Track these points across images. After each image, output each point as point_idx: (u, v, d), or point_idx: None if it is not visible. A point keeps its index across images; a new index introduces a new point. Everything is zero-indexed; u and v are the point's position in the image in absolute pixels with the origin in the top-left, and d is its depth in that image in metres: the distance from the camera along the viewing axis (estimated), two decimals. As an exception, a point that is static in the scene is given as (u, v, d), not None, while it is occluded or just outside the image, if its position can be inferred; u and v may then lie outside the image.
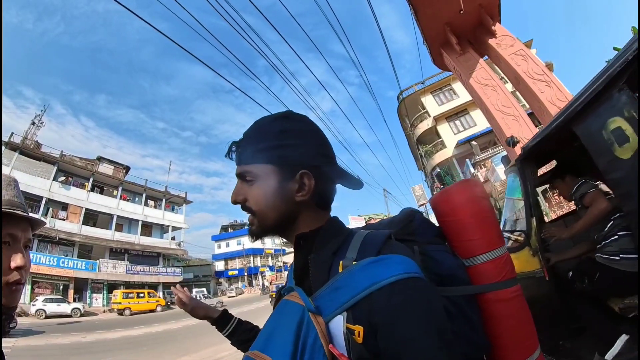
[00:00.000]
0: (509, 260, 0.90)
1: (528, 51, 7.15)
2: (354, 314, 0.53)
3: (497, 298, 0.83)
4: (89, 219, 25.29)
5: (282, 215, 0.68)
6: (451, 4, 6.82)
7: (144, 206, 30.09)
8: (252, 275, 44.56)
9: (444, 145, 23.94)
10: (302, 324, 0.53)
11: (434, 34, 7.99)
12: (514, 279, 0.88)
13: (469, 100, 21.09)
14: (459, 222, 0.90)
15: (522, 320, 0.86)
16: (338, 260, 0.61)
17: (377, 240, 0.63)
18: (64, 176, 24.55)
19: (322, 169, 0.69)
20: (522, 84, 7.01)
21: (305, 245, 0.69)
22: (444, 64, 9.24)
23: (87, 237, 23.87)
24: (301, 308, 0.56)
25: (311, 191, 0.67)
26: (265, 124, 0.72)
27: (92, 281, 23.55)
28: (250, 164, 0.69)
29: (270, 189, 0.67)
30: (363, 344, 0.51)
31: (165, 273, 29.20)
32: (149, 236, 30.18)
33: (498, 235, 0.91)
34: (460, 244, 0.89)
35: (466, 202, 0.90)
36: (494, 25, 7.42)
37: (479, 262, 0.86)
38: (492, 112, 7.44)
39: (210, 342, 9.22)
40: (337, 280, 0.57)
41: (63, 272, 21.35)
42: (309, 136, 0.72)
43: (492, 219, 0.92)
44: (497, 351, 0.83)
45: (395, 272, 0.53)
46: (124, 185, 28.94)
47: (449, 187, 0.98)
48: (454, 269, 0.80)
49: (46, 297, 18.20)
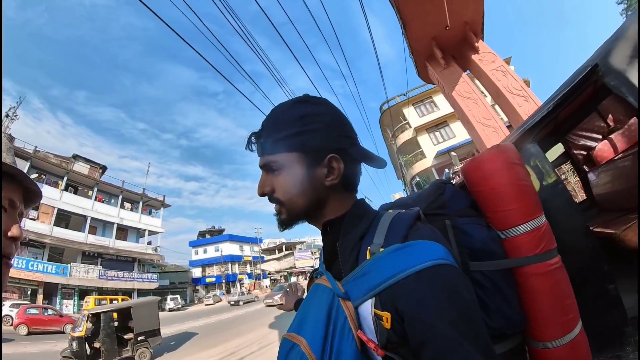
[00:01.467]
0: (548, 230, 0.84)
1: (508, 67, 7.55)
2: (382, 300, 0.53)
3: (535, 271, 0.79)
4: (61, 219, 24.22)
5: (312, 201, 0.67)
6: (438, 20, 7.13)
7: (120, 208, 29.13)
8: (230, 283, 43.69)
9: (423, 155, 24.54)
10: (332, 308, 0.56)
11: (421, 47, 8.31)
12: (554, 250, 0.83)
13: (449, 113, 21.81)
14: (493, 191, 0.84)
15: (562, 294, 0.81)
16: (366, 245, 0.61)
17: (403, 224, 0.61)
18: (37, 173, 23.42)
19: (347, 150, 0.68)
20: (502, 98, 7.39)
21: (332, 232, 0.68)
22: (428, 77, 9.58)
23: (59, 239, 22.79)
24: (331, 292, 0.58)
25: (340, 175, 0.66)
26: (284, 110, 0.70)
27: (63, 286, 22.41)
28: (275, 154, 0.67)
29: (299, 177, 0.65)
30: (391, 329, 0.51)
31: (140, 279, 28.25)
32: (124, 240, 29.16)
33: (536, 204, 0.85)
34: (495, 215, 0.84)
35: (500, 169, 0.84)
36: (477, 42, 7.80)
37: (516, 234, 0.81)
38: (473, 123, 7.77)
39: (190, 352, 9.04)
40: (365, 266, 0.58)
41: (32, 276, 20.22)
42: (331, 119, 0.69)
43: (529, 186, 0.86)
44: (534, 326, 0.80)
45: (422, 259, 0.52)
46: (100, 185, 27.92)
47: (481, 154, 0.92)
48: (488, 242, 0.79)
49: (13, 303, 16.96)
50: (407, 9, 7.13)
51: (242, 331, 11.67)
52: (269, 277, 50.63)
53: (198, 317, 20.15)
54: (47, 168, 24.48)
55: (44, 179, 23.82)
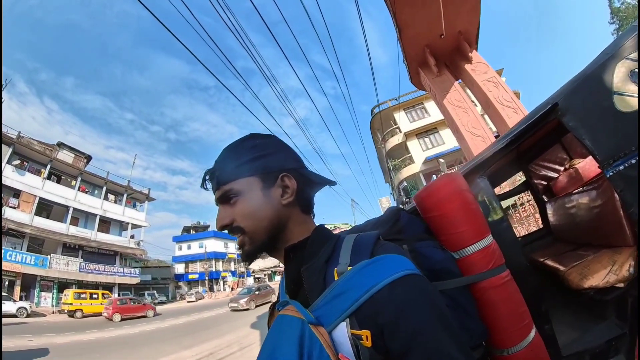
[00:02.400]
0: (497, 248, 0.94)
1: (499, 79, 7.66)
2: (358, 318, 0.52)
3: (490, 285, 0.87)
4: (42, 209, 23.53)
5: (272, 223, 0.67)
6: (433, 28, 7.20)
7: (104, 200, 28.49)
8: (214, 280, 43.28)
9: (412, 160, 24.78)
10: (304, 337, 0.52)
11: (414, 53, 8.38)
12: (503, 265, 0.92)
13: (439, 120, 22.09)
14: (444, 216, 0.92)
15: (515, 303, 0.90)
16: (332, 267, 0.61)
17: (368, 242, 0.64)
18: (19, 160, 22.67)
19: (298, 170, 0.72)
20: (492, 108, 7.49)
21: (296, 257, 0.68)
22: (420, 83, 9.67)
23: (39, 230, 22.14)
24: (299, 321, 0.54)
25: (294, 192, 0.69)
26: (234, 146, 0.73)
27: (42, 278, 21.78)
28: (230, 182, 0.69)
29: (256, 200, 0.67)
30: (373, 347, 0.51)
31: (122, 273, 27.64)
32: (107, 233, 28.52)
33: (484, 225, 0.94)
34: (448, 238, 0.92)
35: (450, 195, 0.93)
36: (470, 51, 7.91)
37: (468, 253, 0.89)
38: (462, 132, 7.87)
39: (169, 350, 8.86)
40: (335, 287, 0.57)
41: (10, 267, 19.56)
42: (279, 145, 0.75)
43: (477, 210, 0.95)
44: (495, 336, 0.87)
45: (393, 271, 0.54)
46: (84, 175, 27.26)
47: (432, 182, 1.00)
48: (444, 262, 0.84)
49: None
50: (403, 15, 7.17)
51: (221, 331, 11.54)
52: (253, 275, 50.34)
53: (190, 312, 19.88)
54: (30, 155, 23.77)
55: (27, 166, 23.14)
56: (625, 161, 1.43)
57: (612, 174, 1.46)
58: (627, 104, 1.45)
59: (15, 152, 22.41)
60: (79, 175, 26.86)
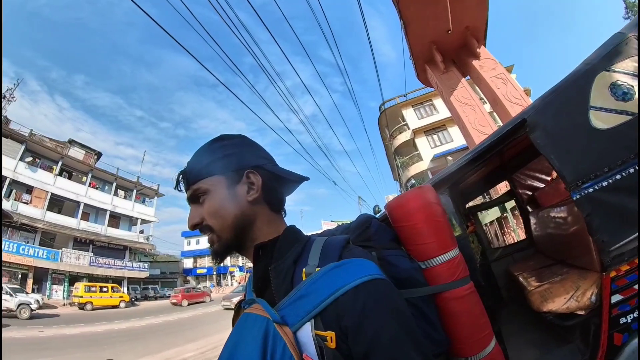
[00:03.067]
0: (462, 261, 0.97)
1: (508, 75, 7.52)
2: (323, 320, 0.53)
3: (453, 296, 0.90)
4: (54, 205, 23.97)
5: (238, 221, 0.68)
6: (440, 24, 7.09)
7: (114, 196, 28.89)
8: (221, 275, 43.67)
9: (420, 157, 24.51)
10: (268, 336, 0.52)
11: (421, 50, 8.27)
12: (467, 278, 0.95)
13: (448, 117, 21.76)
14: (413, 227, 0.95)
15: (477, 314, 0.93)
16: (300, 268, 0.61)
17: (337, 246, 0.65)
18: (32, 157, 23.05)
19: (265, 167, 0.72)
20: (500, 106, 7.35)
21: (265, 256, 0.68)
22: (427, 80, 9.55)
23: (51, 225, 22.60)
24: (264, 320, 0.55)
25: (260, 189, 0.70)
26: (204, 147, 0.75)
27: (53, 272, 22.23)
28: (198, 182, 0.70)
29: (222, 197, 0.68)
30: (336, 348, 0.51)
31: (131, 267, 28.07)
32: (116, 228, 28.92)
33: (451, 238, 0.97)
34: (415, 248, 0.95)
35: (420, 208, 0.96)
36: (478, 47, 7.76)
37: (434, 264, 0.92)
38: (469, 130, 7.75)
39: (174, 343, 9.01)
40: (302, 288, 0.57)
41: (22, 260, 20.04)
42: (247, 144, 0.76)
43: (445, 223, 0.98)
44: (455, 345, 0.89)
45: (359, 275, 0.54)
46: (94, 172, 27.66)
47: (403, 193, 1.04)
48: (411, 271, 0.85)
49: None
50: (409, 11, 7.08)
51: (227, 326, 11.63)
52: (251, 271, 50.59)
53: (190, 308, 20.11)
54: (42, 152, 24.22)
55: (39, 163, 23.60)
56: (596, 183, 1.37)
57: (579, 197, 1.40)
58: (604, 120, 1.38)
59: (27, 149, 22.82)
60: (90, 172, 27.26)
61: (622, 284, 1.35)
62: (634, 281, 1.33)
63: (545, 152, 1.46)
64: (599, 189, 1.36)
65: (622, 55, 1.39)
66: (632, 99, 1.35)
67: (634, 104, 1.34)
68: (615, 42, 1.42)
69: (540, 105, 1.50)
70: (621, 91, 1.38)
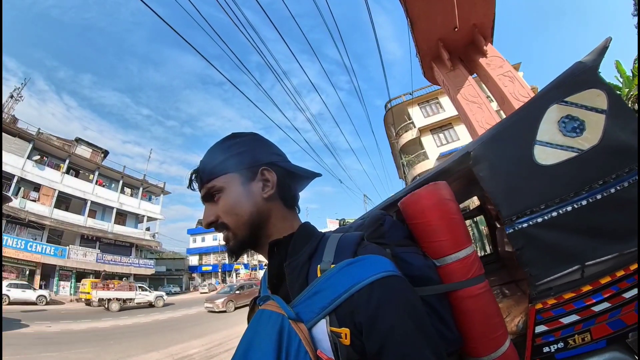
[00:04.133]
0: (477, 259, 0.95)
1: (516, 73, 7.43)
2: (338, 316, 0.53)
3: (467, 294, 0.88)
4: (61, 202, 24.28)
5: (253, 217, 0.67)
6: (447, 21, 7.02)
7: (120, 193, 29.18)
8: (226, 272, 43.93)
9: (426, 156, 24.37)
10: (283, 332, 0.52)
11: (427, 47, 8.19)
12: (482, 276, 0.93)
13: (454, 115, 21.62)
14: (427, 225, 0.94)
15: (491, 313, 0.91)
16: (315, 264, 0.62)
17: (352, 242, 0.65)
18: (39, 155, 23.40)
19: (278, 164, 0.72)
20: (507, 104, 7.27)
21: (279, 252, 0.68)
22: (433, 78, 9.47)
23: (58, 222, 22.89)
24: (280, 316, 0.55)
25: (275, 185, 0.69)
26: (216, 145, 0.74)
27: (60, 268, 22.61)
28: (212, 180, 0.69)
29: (237, 194, 0.68)
30: (351, 345, 0.51)
31: (137, 264, 28.38)
32: (123, 225, 29.26)
33: (465, 236, 0.95)
34: (429, 245, 0.93)
35: (434, 205, 0.95)
36: (485, 45, 7.68)
37: (448, 262, 0.91)
38: (476, 128, 7.67)
39: (180, 339, 9.07)
40: (316, 284, 0.58)
41: (30, 257, 20.36)
42: (258, 140, 0.76)
43: (459, 220, 0.97)
44: (468, 344, 0.88)
45: (373, 271, 0.54)
46: (101, 170, 27.96)
47: (417, 190, 1.01)
48: (425, 269, 0.84)
49: (11, 282, 17.16)
50: (415, 8, 7.01)
51: (230, 323, 11.68)
52: (266, 268, 50.82)
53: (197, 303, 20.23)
54: (49, 150, 24.54)
55: (46, 161, 23.90)
56: (530, 219, 1.36)
57: (512, 231, 1.39)
58: (548, 155, 1.35)
59: (35, 147, 23.13)
60: (97, 170, 27.55)
61: (547, 316, 1.37)
62: (560, 315, 1.35)
63: (485, 186, 1.45)
64: (533, 225, 1.36)
65: (579, 87, 1.34)
66: (581, 135, 1.32)
67: (582, 140, 1.32)
68: (573, 73, 1.36)
69: (487, 138, 1.49)
70: (571, 126, 1.34)
